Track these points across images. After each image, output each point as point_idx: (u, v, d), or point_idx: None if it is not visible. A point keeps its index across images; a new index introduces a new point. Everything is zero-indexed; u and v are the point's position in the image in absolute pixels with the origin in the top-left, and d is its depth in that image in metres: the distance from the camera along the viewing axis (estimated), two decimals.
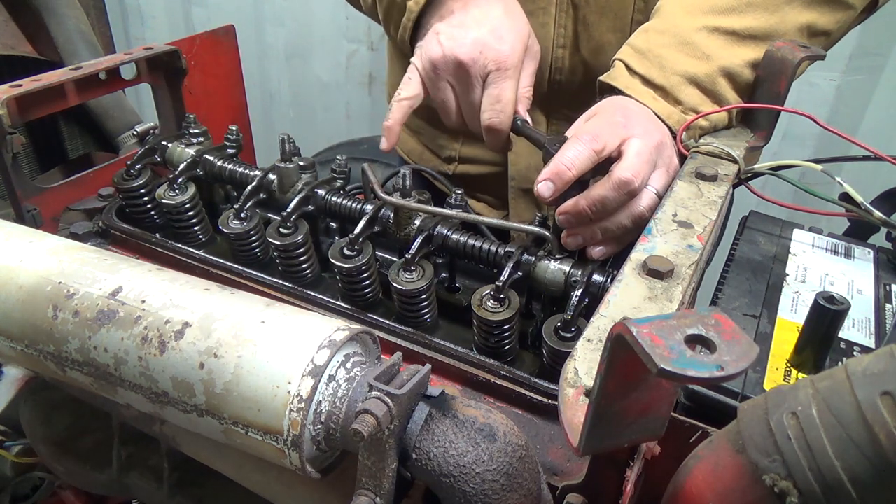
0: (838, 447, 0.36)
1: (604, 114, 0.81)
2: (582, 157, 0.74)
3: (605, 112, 0.81)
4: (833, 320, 0.58)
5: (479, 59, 0.85)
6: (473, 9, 0.88)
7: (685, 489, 0.45)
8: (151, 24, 2.98)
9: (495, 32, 0.86)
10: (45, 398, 0.93)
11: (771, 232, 0.83)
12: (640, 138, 0.76)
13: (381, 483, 0.50)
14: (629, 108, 0.81)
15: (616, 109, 0.81)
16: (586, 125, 0.79)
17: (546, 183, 0.74)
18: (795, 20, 0.84)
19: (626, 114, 0.79)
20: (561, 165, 0.74)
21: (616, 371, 0.39)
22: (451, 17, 0.89)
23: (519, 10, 0.92)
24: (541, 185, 0.75)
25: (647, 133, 0.77)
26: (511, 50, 0.86)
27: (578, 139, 0.75)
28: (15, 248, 0.66)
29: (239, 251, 0.88)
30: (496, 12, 0.88)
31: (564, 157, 0.74)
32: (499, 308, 0.72)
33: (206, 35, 1.10)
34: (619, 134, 0.76)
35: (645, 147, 0.75)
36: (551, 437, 0.64)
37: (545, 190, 0.74)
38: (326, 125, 2.80)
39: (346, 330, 0.55)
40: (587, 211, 0.74)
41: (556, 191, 0.74)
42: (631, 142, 0.75)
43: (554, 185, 0.74)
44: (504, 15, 0.88)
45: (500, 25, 0.87)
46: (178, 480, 0.85)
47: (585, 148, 0.74)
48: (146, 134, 0.99)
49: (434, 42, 0.88)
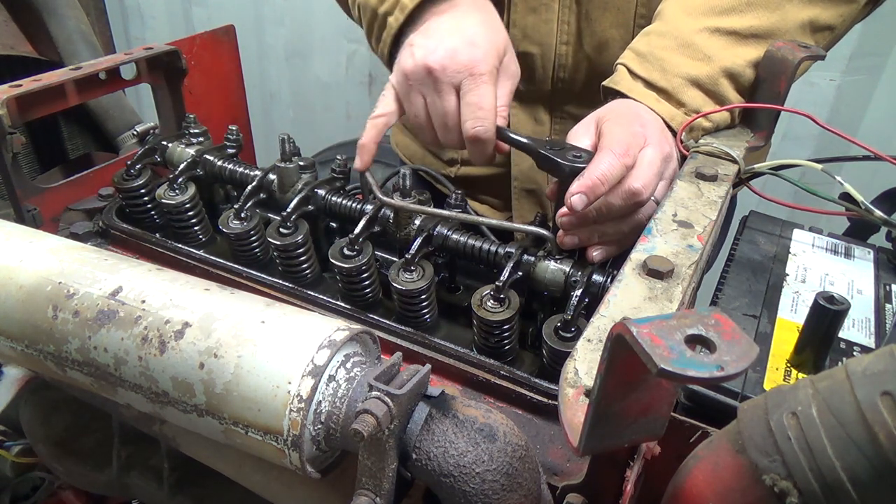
0: (838, 447, 0.36)
1: (622, 121, 0.79)
2: (615, 171, 0.72)
3: (624, 119, 0.79)
4: (833, 320, 0.58)
5: (450, 65, 0.82)
6: (448, 20, 0.86)
7: (685, 489, 0.45)
8: (151, 24, 2.98)
9: (468, 40, 0.83)
10: (45, 398, 0.93)
11: (771, 232, 0.83)
12: (654, 149, 0.76)
13: (381, 483, 0.50)
14: (643, 115, 0.81)
15: (633, 118, 0.80)
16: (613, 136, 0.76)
17: (580, 196, 0.72)
18: (797, 17, 0.84)
19: (643, 122, 0.79)
20: (597, 180, 0.72)
21: (616, 371, 0.39)
22: (426, 27, 0.87)
23: (499, 24, 0.89)
24: (575, 199, 0.72)
25: (660, 144, 0.77)
26: (484, 55, 0.83)
27: (611, 152, 0.73)
28: (15, 248, 0.66)
29: (239, 251, 0.88)
30: (471, 22, 0.86)
31: (598, 170, 0.72)
32: (499, 308, 0.72)
33: (206, 35, 1.10)
34: (640, 145, 0.75)
35: (657, 158, 0.75)
36: (551, 437, 0.64)
37: (579, 203, 0.72)
38: (326, 125, 2.80)
39: (346, 330, 0.55)
40: (591, 213, 0.74)
41: (588, 205, 0.73)
42: (645, 151, 0.75)
43: (587, 199, 0.72)
44: (480, 24, 0.86)
45: (475, 34, 0.84)
46: (178, 480, 0.85)
47: (619, 163, 0.72)
48: (146, 134, 0.99)
49: (407, 54, 0.85)
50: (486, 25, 0.86)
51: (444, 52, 0.82)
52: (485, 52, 0.83)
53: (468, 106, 0.82)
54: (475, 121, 0.82)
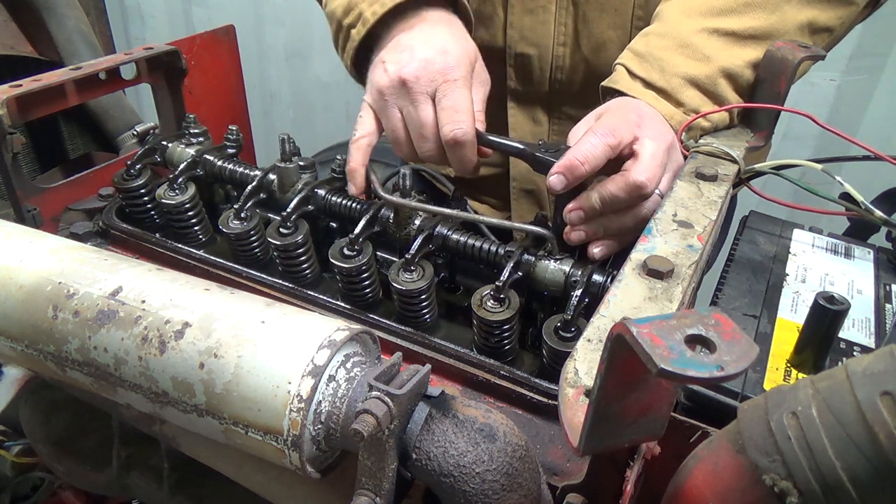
0: (838, 447, 0.36)
1: (618, 111, 0.80)
2: (597, 151, 0.72)
3: (619, 109, 0.80)
4: (833, 320, 0.58)
5: (423, 74, 0.82)
6: (418, 33, 0.86)
7: (685, 489, 0.45)
8: (151, 24, 2.98)
9: (439, 49, 0.84)
10: (45, 398, 0.93)
11: (771, 232, 0.83)
12: (655, 140, 0.76)
13: (381, 483, 0.50)
14: (641, 108, 0.81)
15: (630, 108, 0.80)
16: (601, 120, 0.78)
17: (558, 176, 0.73)
18: (795, 18, 0.84)
19: (640, 113, 0.79)
20: (575, 159, 0.72)
21: (616, 371, 0.39)
22: (396, 42, 0.87)
23: (467, 37, 0.90)
24: (553, 179, 0.73)
25: (661, 135, 0.77)
26: (457, 62, 0.83)
27: (594, 133, 0.74)
28: (15, 248, 0.66)
29: (239, 251, 0.87)
30: (441, 34, 0.86)
31: (579, 151, 0.73)
32: (499, 308, 0.72)
33: (206, 35, 1.10)
34: (634, 132, 0.75)
35: (659, 149, 0.75)
36: (551, 437, 0.64)
37: (557, 183, 0.73)
38: (326, 125, 2.80)
39: (346, 330, 0.55)
40: (598, 205, 0.74)
41: (568, 185, 0.73)
42: (646, 143, 0.75)
43: (566, 178, 0.73)
44: (449, 35, 0.86)
45: (445, 43, 0.85)
46: (178, 480, 0.85)
47: (600, 142, 0.73)
48: (146, 134, 0.99)
49: (380, 71, 0.86)
50: (455, 36, 0.87)
51: (417, 63, 0.83)
52: (457, 60, 0.83)
53: (444, 110, 0.82)
54: (452, 124, 0.82)
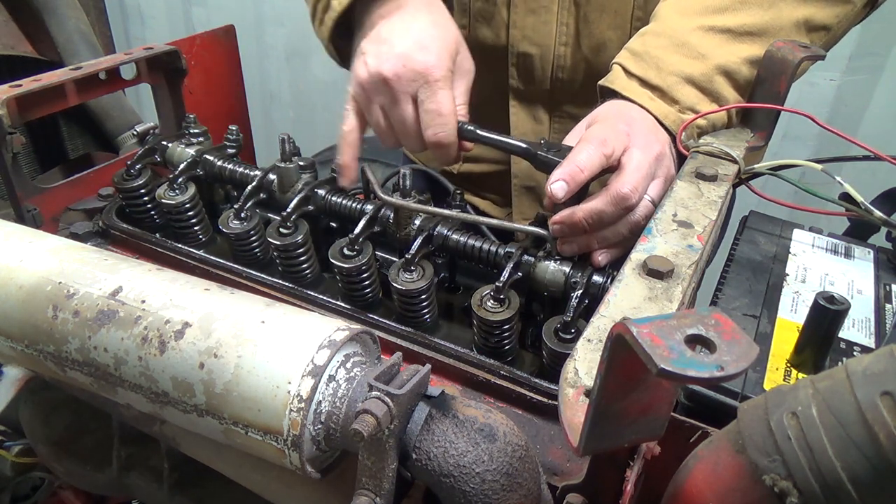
0: (838, 447, 0.36)
1: (607, 120, 0.80)
2: (593, 160, 0.73)
3: (609, 119, 0.80)
4: (833, 320, 0.58)
5: (404, 73, 0.82)
6: (397, 22, 0.86)
7: (685, 489, 0.45)
8: (151, 24, 2.99)
9: (419, 43, 0.83)
10: (45, 398, 0.93)
11: (771, 232, 0.83)
12: (641, 150, 0.76)
13: (381, 483, 0.50)
14: (631, 115, 0.81)
15: (619, 117, 0.80)
16: (592, 130, 0.78)
17: (560, 183, 0.73)
18: (792, 15, 0.84)
19: (629, 121, 0.79)
20: (575, 167, 0.73)
21: (616, 371, 0.39)
22: (376, 33, 0.87)
23: (449, 21, 0.89)
24: (555, 186, 0.73)
25: (648, 145, 0.77)
26: (437, 59, 0.83)
27: (589, 142, 0.74)
28: (15, 248, 0.66)
29: (239, 251, 0.88)
30: (421, 23, 0.86)
31: (577, 159, 0.73)
32: (499, 308, 0.72)
33: (206, 35, 1.10)
34: (623, 142, 0.76)
35: (644, 160, 0.75)
36: (551, 437, 0.64)
37: (559, 191, 0.73)
38: (326, 125, 2.80)
39: (346, 330, 0.55)
40: (583, 223, 0.74)
41: (570, 192, 0.74)
42: (632, 154, 0.75)
43: (568, 186, 0.73)
44: (430, 25, 0.86)
45: (424, 36, 0.84)
46: (178, 480, 0.85)
47: (596, 152, 0.74)
48: (146, 134, 0.99)
49: (360, 63, 0.86)
50: (435, 25, 0.87)
51: (395, 59, 0.83)
52: (437, 56, 0.83)
53: (427, 114, 0.83)
54: (436, 128, 0.84)
